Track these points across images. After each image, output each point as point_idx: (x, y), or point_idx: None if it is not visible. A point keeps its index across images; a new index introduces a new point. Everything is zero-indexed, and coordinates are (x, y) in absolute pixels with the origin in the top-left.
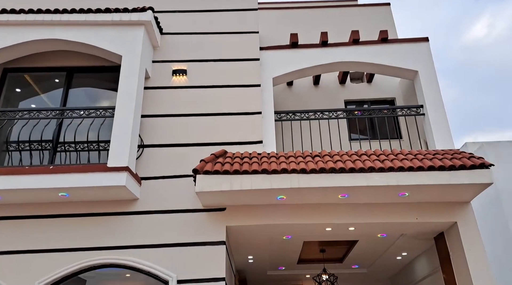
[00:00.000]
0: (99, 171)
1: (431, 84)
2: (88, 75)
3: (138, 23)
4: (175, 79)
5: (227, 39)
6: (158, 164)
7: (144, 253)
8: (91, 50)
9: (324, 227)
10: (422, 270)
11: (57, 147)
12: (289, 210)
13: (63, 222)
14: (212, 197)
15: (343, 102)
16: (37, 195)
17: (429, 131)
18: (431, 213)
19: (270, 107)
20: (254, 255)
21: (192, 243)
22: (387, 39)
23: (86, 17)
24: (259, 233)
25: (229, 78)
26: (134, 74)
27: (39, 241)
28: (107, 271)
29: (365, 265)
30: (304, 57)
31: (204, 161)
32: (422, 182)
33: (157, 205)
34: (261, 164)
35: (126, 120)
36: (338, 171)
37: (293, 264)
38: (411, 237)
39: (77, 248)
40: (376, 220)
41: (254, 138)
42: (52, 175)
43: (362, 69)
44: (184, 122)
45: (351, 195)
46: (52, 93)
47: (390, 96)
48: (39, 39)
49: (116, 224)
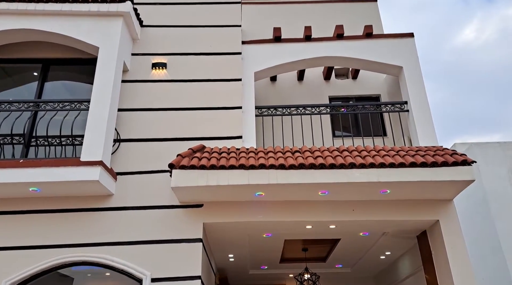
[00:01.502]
0: (72, 165)
1: (415, 80)
2: (65, 68)
3: (116, 14)
4: (154, 73)
5: (209, 32)
6: (135, 159)
7: (118, 250)
8: (67, 41)
9: (304, 225)
10: (405, 269)
11: (31, 141)
12: (268, 207)
13: (34, 218)
14: (188, 193)
15: (328, 99)
16: (6, 190)
17: (413, 128)
18: (413, 211)
19: (251, 102)
20: (234, 254)
21: (167, 240)
22: (372, 34)
23: (62, 7)
24: (238, 231)
25: (210, 72)
26: (110, 66)
27: (8, 238)
28: (85, 269)
29: (349, 264)
30: (287, 52)
31: (181, 156)
32: (403, 179)
33: (133, 201)
34: (239, 160)
35: (101, 113)
36: (318, 167)
37: (275, 263)
38: (394, 235)
39: (49, 245)
40: (358, 218)
41: (233, 133)
42: (22, 169)
43: (347, 65)
44: (163, 116)
45: (332, 192)
46: (29, 85)
47: (375, 92)
48: (12, 29)
49: (90, 220)
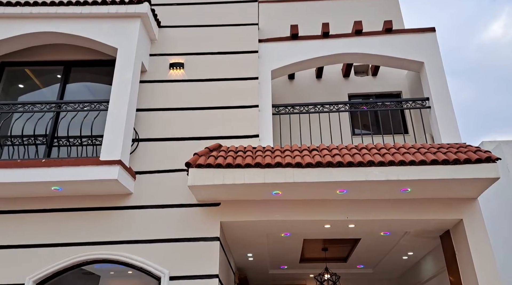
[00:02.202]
0: (92, 165)
1: (437, 75)
2: (86, 69)
3: (135, 16)
4: (172, 73)
5: (226, 31)
6: (154, 158)
7: (137, 248)
8: (87, 43)
9: (322, 224)
10: (428, 270)
11: (53, 141)
12: (286, 206)
13: (56, 216)
14: (205, 191)
15: (347, 96)
16: (29, 189)
17: (435, 125)
18: (435, 210)
19: (268, 100)
20: (253, 253)
21: (185, 239)
22: (392, 29)
23: (82, 10)
24: (256, 230)
25: (227, 71)
26: (129, 67)
27: (31, 236)
28: (107, 266)
29: (370, 265)
30: (304, 49)
31: (198, 155)
32: (424, 177)
33: (151, 200)
34: (255, 158)
35: (119, 113)
36: (335, 165)
37: (295, 263)
38: (416, 235)
39: (70, 243)
40: (377, 217)
41: (250, 132)
42: (44, 168)
43: (366, 61)
44: (180, 116)
45: (350, 191)
46: (52, 87)
47: (396, 89)
48: (35, 32)
49: (109, 219)
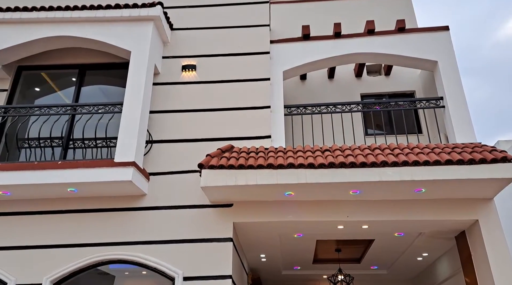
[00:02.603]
0: (106, 166)
1: (451, 75)
2: (100, 72)
3: (147, 19)
4: (184, 75)
5: (237, 33)
6: (167, 159)
7: (152, 249)
8: (101, 46)
9: (336, 225)
10: (444, 272)
11: (69, 143)
12: (298, 207)
13: (72, 217)
14: (218, 192)
15: (360, 96)
16: (46, 190)
17: (449, 125)
18: (450, 210)
19: (280, 101)
20: (266, 254)
21: (199, 240)
22: (404, 28)
23: (95, 14)
24: (269, 230)
25: (239, 73)
26: (142, 69)
27: (48, 236)
28: (122, 267)
29: (384, 266)
30: (316, 50)
31: (210, 156)
32: (439, 177)
33: (165, 201)
34: (267, 159)
35: (133, 116)
36: (348, 166)
37: (308, 264)
38: (431, 236)
39: (86, 244)
40: (391, 218)
41: (262, 133)
42: (60, 170)
43: (378, 61)
44: (193, 117)
45: (364, 191)
46: (67, 90)
47: (409, 89)
48: (50, 37)
49: (124, 219)
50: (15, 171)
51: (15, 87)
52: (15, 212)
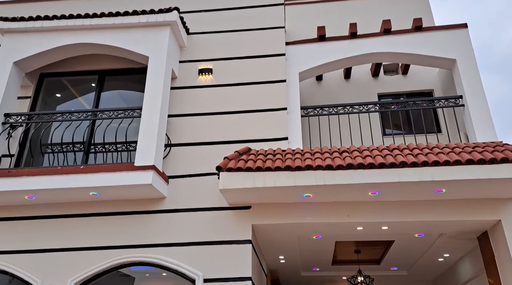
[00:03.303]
0: (127, 170)
1: (470, 73)
2: (119, 78)
3: (164, 24)
4: (201, 79)
5: (253, 35)
6: (185, 162)
7: (172, 251)
8: (120, 52)
9: (355, 226)
10: (466, 273)
11: (90, 148)
12: (317, 208)
13: (95, 221)
14: (236, 195)
15: (377, 96)
16: (69, 194)
17: (470, 123)
18: (472, 210)
19: (296, 102)
20: (285, 255)
21: (218, 242)
22: (422, 27)
23: (114, 21)
24: (287, 232)
25: (254, 75)
26: (160, 74)
27: (71, 239)
28: (143, 269)
29: (404, 267)
30: (332, 50)
31: (228, 159)
32: (460, 177)
33: (184, 204)
34: (285, 161)
35: (152, 120)
36: (366, 167)
37: (327, 265)
38: (452, 236)
39: (108, 246)
40: (411, 218)
41: (279, 135)
42: (82, 174)
43: (395, 60)
44: (210, 120)
45: (383, 192)
46: (87, 96)
47: (427, 88)
48: (71, 44)
49: (144, 222)
50: (40, 176)
51: (37, 94)
52: (39, 216)
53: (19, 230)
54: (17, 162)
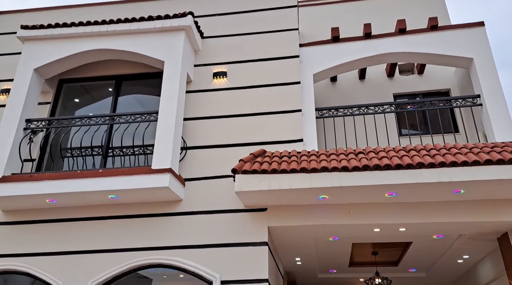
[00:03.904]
0: (144, 173)
1: (488, 71)
2: (135, 82)
3: (179, 29)
4: (215, 82)
5: (266, 38)
6: (201, 165)
7: (189, 253)
8: (136, 57)
9: (372, 228)
10: (486, 274)
11: (108, 152)
12: (333, 210)
13: (113, 223)
14: (252, 197)
15: (392, 96)
16: (88, 197)
17: (488, 123)
18: (491, 211)
19: (310, 104)
20: (301, 257)
21: (234, 244)
22: (437, 26)
23: (130, 26)
24: (303, 234)
25: (269, 77)
26: (175, 78)
27: (91, 242)
28: (161, 271)
29: (423, 268)
30: (346, 51)
31: (243, 161)
32: (478, 178)
33: (200, 206)
34: (300, 163)
35: (168, 124)
36: (383, 168)
37: (344, 267)
38: (471, 238)
39: (127, 249)
40: (429, 220)
41: (294, 137)
42: (101, 178)
43: (411, 60)
44: (225, 123)
45: (399, 194)
46: (105, 101)
47: (444, 87)
48: (88, 50)
49: (162, 224)
50: (60, 180)
51: (57, 100)
52: (60, 219)
53: (40, 232)
54: (38, 167)
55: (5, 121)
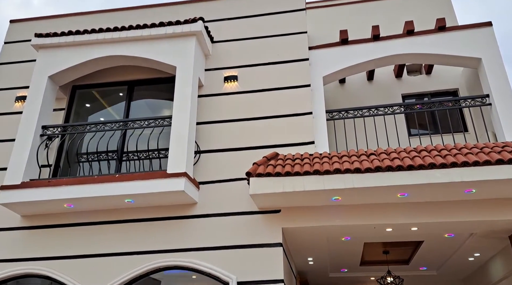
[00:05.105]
0: (160, 178)
1: (496, 71)
2: (147, 87)
3: (190, 34)
4: (226, 86)
5: (276, 41)
6: (214, 168)
7: (205, 255)
8: (148, 63)
9: (384, 228)
10: (497, 272)
11: (122, 156)
12: (346, 211)
13: (130, 227)
14: (266, 199)
15: (401, 97)
16: (105, 202)
17: (497, 122)
18: (503, 210)
19: (321, 106)
20: (313, 257)
21: (249, 245)
22: (445, 27)
23: (142, 33)
24: (316, 235)
25: (279, 81)
26: (187, 83)
27: (109, 245)
28: (173, 273)
29: (434, 266)
30: (355, 53)
31: (257, 164)
32: (489, 177)
33: (215, 209)
34: (313, 165)
35: (182, 128)
36: (395, 169)
37: (355, 266)
38: (482, 236)
39: (143, 251)
40: (441, 219)
41: (305, 139)
42: (118, 183)
43: (419, 61)
44: (237, 127)
45: (411, 194)
46: (117, 106)
47: (452, 87)
48: (101, 57)
49: (178, 227)
50: (78, 185)
51: (71, 106)
52: (78, 223)
53: (58, 237)
54: (55, 172)
55: (22, 128)
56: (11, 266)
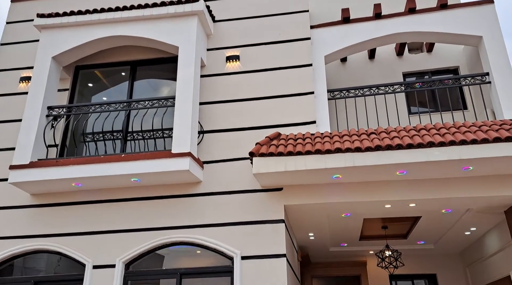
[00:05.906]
0: (165, 157)
1: (497, 49)
2: (150, 67)
3: (191, 14)
4: (229, 66)
5: (277, 20)
6: (218, 148)
7: (210, 231)
8: (150, 43)
9: (383, 204)
10: (493, 245)
11: (127, 136)
12: (346, 188)
13: (137, 204)
14: (269, 178)
15: (402, 75)
16: (112, 181)
17: (497, 100)
18: (499, 186)
19: (322, 86)
20: (314, 232)
21: (253, 222)
22: (447, 4)
23: (143, 12)
24: (317, 211)
25: (281, 60)
26: (190, 63)
27: (117, 222)
28: (178, 248)
29: (431, 240)
30: (356, 32)
31: (260, 144)
32: (487, 155)
33: (219, 187)
34: (315, 145)
35: (186, 109)
36: (395, 148)
37: (355, 241)
38: (479, 211)
39: (151, 228)
40: (439, 195)
41: (307, 119)
42: (124, 162)
43: (421, 39)
44: (239, 107)
45: (410, 172)
46: (120, 86)
47: (453, 65)
48: (104, 37)
49: (183, 205)
50: (85, 164)
51: (74, 86)
52: (86, 201)
53: (68, 214)
54: (61, 152)
55: (28, 108)
56: (23, 242)
